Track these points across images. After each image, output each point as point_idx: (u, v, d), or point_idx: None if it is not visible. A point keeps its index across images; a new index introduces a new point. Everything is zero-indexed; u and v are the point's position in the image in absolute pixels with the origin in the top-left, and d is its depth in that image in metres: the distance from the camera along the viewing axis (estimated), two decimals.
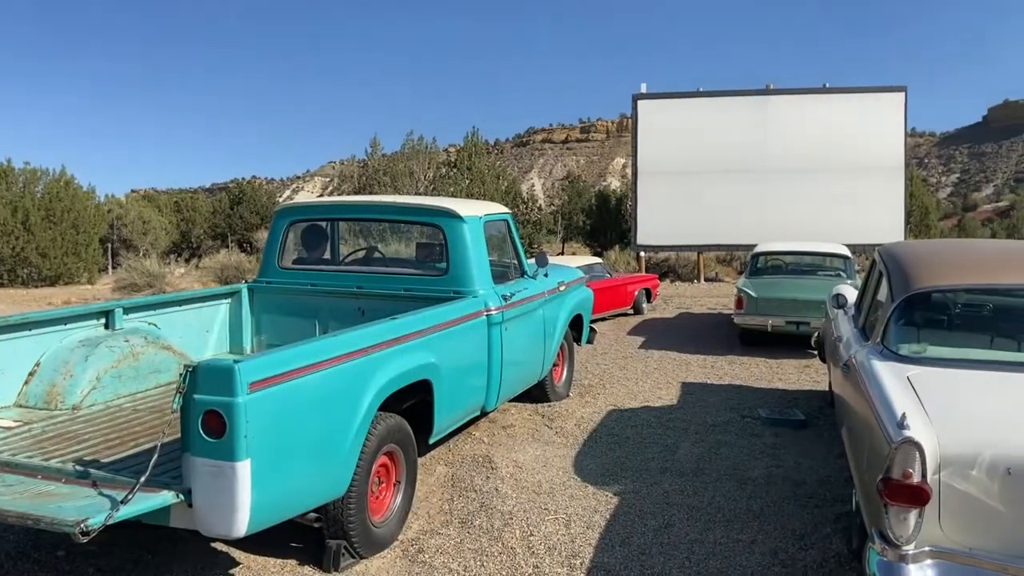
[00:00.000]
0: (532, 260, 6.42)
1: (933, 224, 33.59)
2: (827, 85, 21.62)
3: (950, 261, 4.37)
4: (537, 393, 6.73)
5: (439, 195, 22.75)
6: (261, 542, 3.71)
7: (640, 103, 21.62)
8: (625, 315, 13.78)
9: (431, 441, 4.71)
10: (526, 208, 29.98)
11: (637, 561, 3.85)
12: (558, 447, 5.69)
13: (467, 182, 24.47)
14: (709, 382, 8.06)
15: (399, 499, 4.24)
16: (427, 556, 3.94)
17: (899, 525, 2.85)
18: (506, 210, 6.25)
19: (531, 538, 4.14)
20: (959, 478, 2.84)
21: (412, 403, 4.54)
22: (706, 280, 22.49)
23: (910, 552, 2.84)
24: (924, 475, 2.81)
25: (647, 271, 21.16)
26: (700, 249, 22.18)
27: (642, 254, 22.03)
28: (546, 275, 6.42)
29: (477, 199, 19.54)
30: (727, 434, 6.01)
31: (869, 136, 20.83)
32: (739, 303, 10.11)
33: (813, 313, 9.16)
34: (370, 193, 23.52)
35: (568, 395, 7.21)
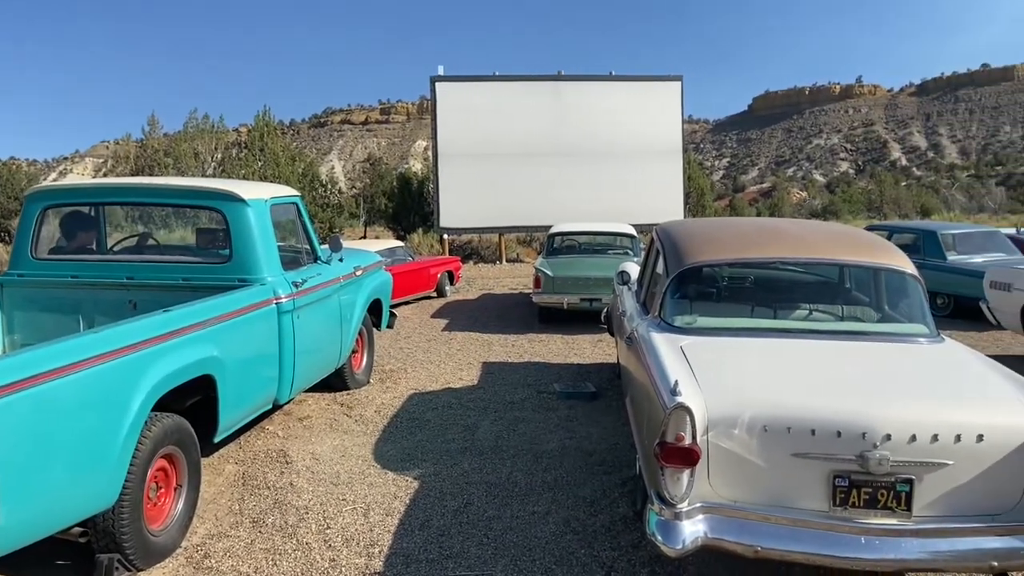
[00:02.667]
0: (326, 245, 6.20)
1: (708, 204, 36.49)
2: (613, 73, 22.80)
3: (717, 238, 4.71)
4: (336, 381, 6.55)
5: (229, 178, 21.49)
6: (16, 563, 3.30)
7: (438, 85, 21.62)
8: (429, 298, 13.79)
9: (216, 440, 4.42)
10: (325, 191, 29.06)
11: (436, 543, 3.85)
12: (357, 435, 5.56)
13: (260, 164, 23.25)
14: (510, 361, 8.25)
15: (181, 504, 3.94)
16: (214, 561, 3.70)
17: (674, 485, 3.04)
18: (295, 193, 5.98)
19: (328, 531, 4.01)
20: (724, 438, 3.07)
21: (195, 400, 4.24)
22: (508, 261, 23.03)
23: (684, 509, 3.04)
24: (694, 437, 3.01)
25: (450, 253, 21.30)
26: (502, 231, 22.65)
27: (445, 237, 22.15)
28: (341, 260, 6.23)
29: (272, 182, 18.68)
30: (525, 410, 6.17)
31: (651, 122, 22.25)
32: (537, 282, 10.44)
33: (604, 290, 9.64)
34: (150, 175, 21.73)
35: (369, 381, 7.09)
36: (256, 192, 5.26)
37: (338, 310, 6.05)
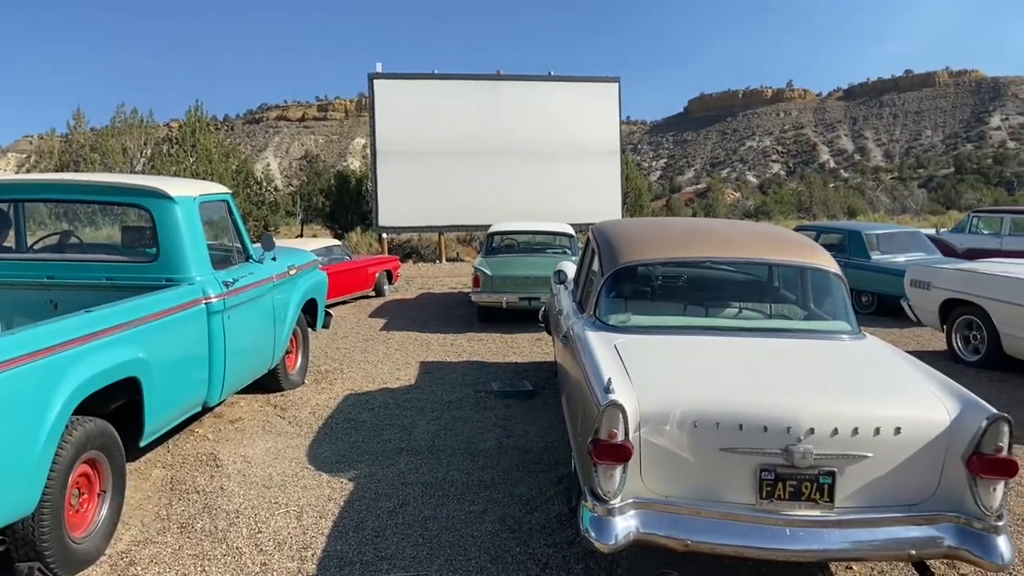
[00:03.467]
0: (259, 244, 6.08)
1: (646, 204, 37.01)
2: (551, 73, 22.93)
3: (650, 238, 4.77)
4: (269, 382, 6.42)
5: (160, 175, 20.87)
6: None
7: (376, 82, 21.40)
8: (367, 297, 13.65)
9: (142, 444, 4.29)
10: (260, 189, 28.49)
11: (371, 545, 3.81)
12: (291, 437, 5.47)
13: (191, 161, 22.62)
14: (448, 360, 8.22)
15: (105, 510, 3.81)
16: (139, 568, 3.59)
17: (606, 481, 3.07)
18: (225, 190, 5.84)
19: (259, 535, 3.93)
20: (656, 434, 3.11)
21: (119, 404, 4.11)
22: (448, 260, 22.95)
23: (617, 505, 3.08)
24: (627, 434, 3.05)
25: (390, 252, 21.12)
26: (441, 230, 22.55)
27: (384, 235, 21.94)
28: (274, 259, 6.11)
29: (204, 179, 18.21)
30: (462, 409, 6.16)
31: (589, 123, 22.46)
32: (476, 281, 10.43)
33: (543, 289, 9.69)
34: (75, 171, 20.95)
35: (303, 382, 6.97)
36: (184, 189, 5.12)
37: (271, 310, 5.93)
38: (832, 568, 3.57)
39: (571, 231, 12.15)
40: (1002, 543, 2.97)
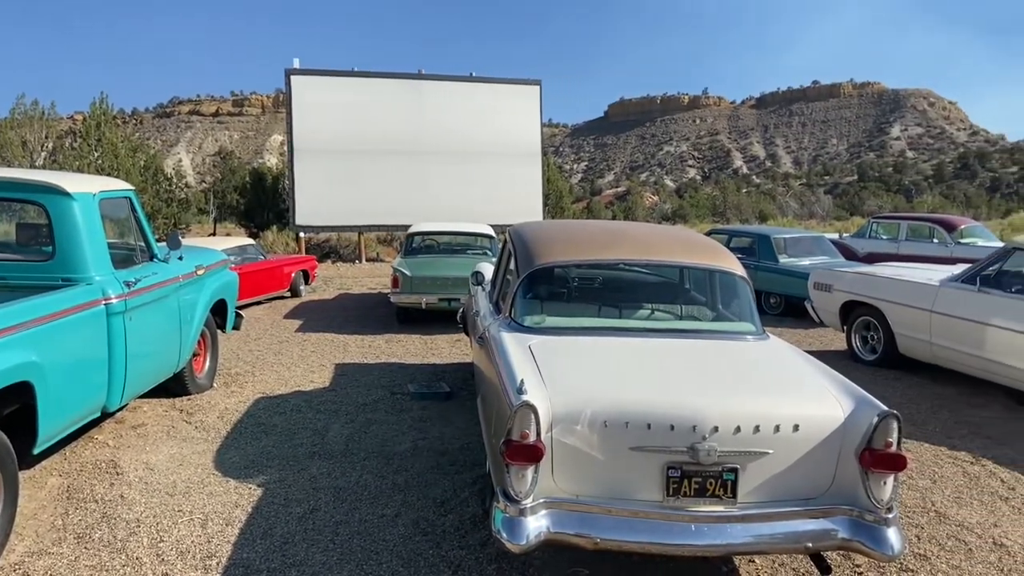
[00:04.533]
0: (164, 242, 5.86)
1: (567, 206, 37.45)
2: (473, 74, 22.94)
3: (565, 240, 4.82)
4: (175, 386, 6.20)
5: (62, 170, 19.87)
6: None
7: (294, 79, 20.96)
8: (282, 298, 13.36)
9: (36, 451, 4.07)
10: (170, 185, 27.48)
11: (279, 551, 3.72)
12: (197, 443, 5.29)
13: (96, 156, 21.61)
14: (365, 362, 8.11)
15: None
16: None
17: (518, 482, 3.09)
18: (128, 186, 5.60)
19: (161, 544, 3.79)
20: (568, 434, 3.15)
21: (13, 409, 3.90)
22: (368, 260, 22.67)
23: (528, 506, 3.09)
24: (539, 434, 3.07)
25: (307, 252, 20.72)
26: (361, 229, 22.26)
27: (301, 235, 21.51)
28: (180, 258, 5.90)
29: (110, 175, 17.45)
30: (377, 412, 6.08)
31: (511, 125, 22.58)
32: (395, 282, 10.33)
33: (463, 290, 9.66)
34: None
35: (212, 386, 6.76)
36: (83, 185, 4.89)
37: (177, 311, 5.72)
38: (735, 562, 3.67)
39: (492, 232, 12.18)
40: (892, 535, 3.12)
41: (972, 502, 4.46)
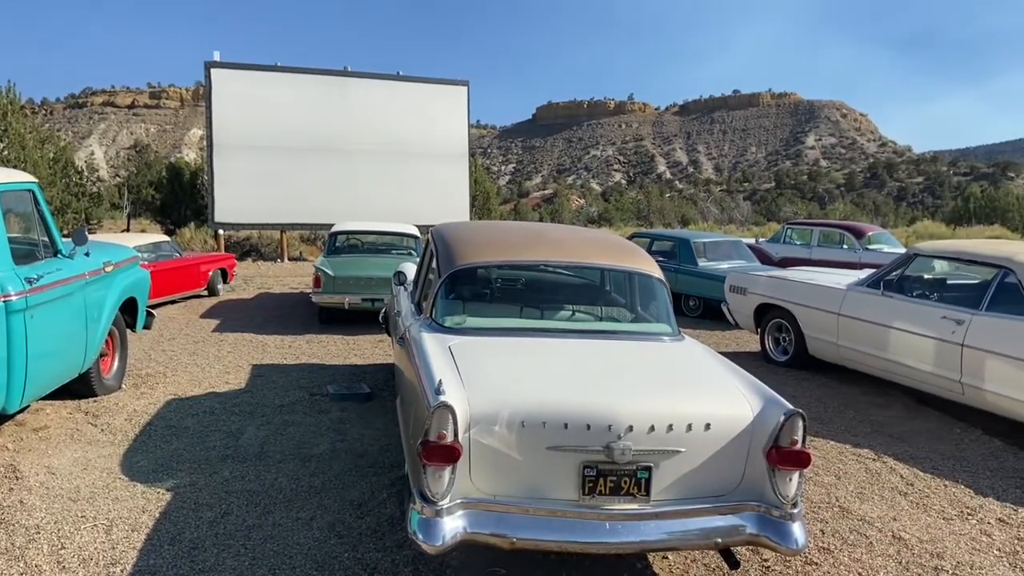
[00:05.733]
0: (70, 238, 5.60)
1: (494, 208, 37.54)
2: (400, 73, 22.75)
3: (487, 241, 4.83)
4: (80, 387, 5.93)
5: None
6: None
7: (214, 72, 20.37)
8: (199, 297, 12.97)
9: None
10: (81, 179, 26.31)
11: (188, 557, 3.60)
12: (103, 446, 5.07)
13: (1, 146, 20.51)
14: (285, 362, 7.94)
15: None
16: None
17: (435, 483, 3.07)
18: (30, 178, 5.33)
19: (62, 551, 3.62)
20: (485, 434, 3.15)
21: None
22: (290, 259, 22.22)
23: (445, 506, 3.08)
24: (456, 435, 3.06)
25: (227, 250, 20.17)
26: (284, 227, 21.78)
27: (220, 232, 20.91)
28: (87, 254, 5.66)
29: (15, 167, 16.56)
30: (295, 413, 5.96)
31: (438, 124, 22.48)
32: (316, 282, 10.16)
33: (386, 290, 9.57)
34: None
35: (120, 387, 6.50)
36: None
37: (82, 309, 5.48)
38: (649, 558, 3.74)
39: (416, 232, 12.10)
40: (797, 529, 3.23)
41: (873, 497, 4.66)
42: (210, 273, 13.18)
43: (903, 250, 12.11)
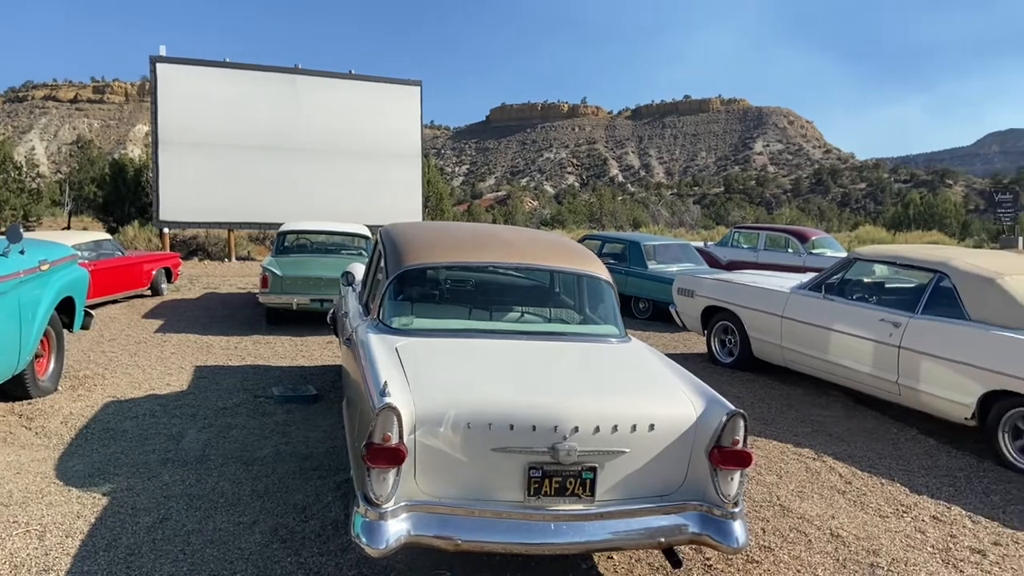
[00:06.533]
0: (3, 235, 5.41)
1: (447, 209, 37.48)
2: (352, 72, 22.54)
3: (435, 242, 4.81)
4: (13, 389, 5.74)
5: None
6: None
7: (160, 67, 19.90)
8: (142, 297, 12.65)
9: None
10: (20, 175, 25.47)
11: (124, 564, 3.50)
12: (37, 450, 4.91)
13: None
14: (230, 364, 7.79)
15: None
16: None
17: (379, 485, 3.04)
18: None
19: None
20: (431, 436, 3.13)
21: None
22: (238, 259, 21.82)
23: (389, 509, 3.06)
24: (401, 437, 3.04)
25: (172, 249, 19.72)
26: (231, 226, 21.38)
27: (166, 231, 20.44)
28: (22, 252, 5.47)
29: None
30: (238, 416, 5.85)
31: (391, 124, 22.32)
32: (264, 282, 9.99)
33: (335, 291, 9.46)
34: None
35: (56, 389, 6.30)
36: None
37: (16, 309, 5.30)
38: (595, 559, 3.77)
39: (367, 232, 12.00)
40: (738, 528, 3.29)
41: (813, 496, 4.76)
42: (154, 272, 12.87)
43: (845, 254, 12.44)
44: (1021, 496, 4.89)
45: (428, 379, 3.41)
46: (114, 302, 11.76)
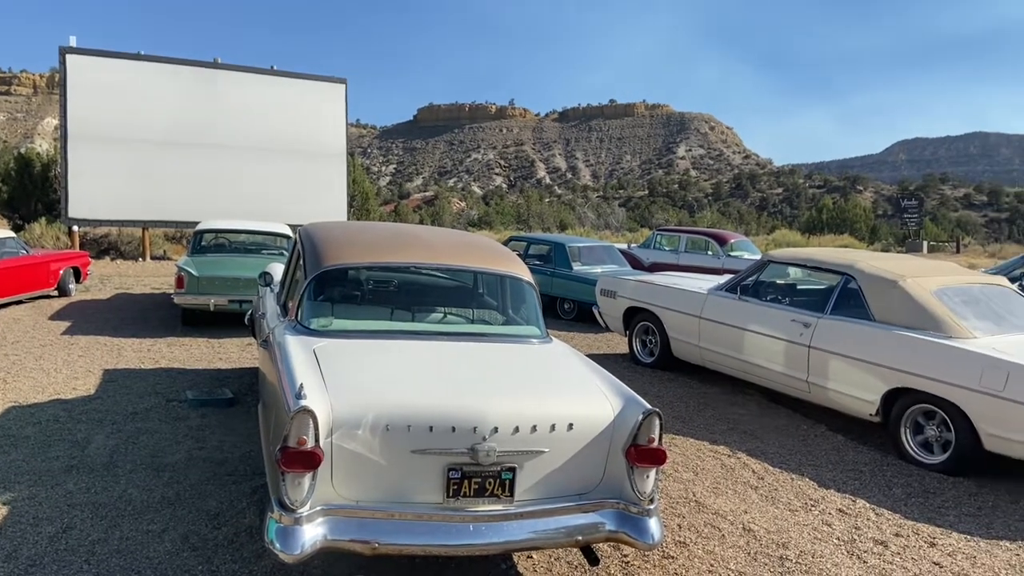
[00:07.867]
0: None
1: (374, 209, 36.97)
2: (274, 67, 22.05)
3: (356, 242, 4.74)
4: None
5: None
6: None
7: (69, 58, 19.03)
8: (48, 297, 12.08)
9: None
10: None
11: (24, 575, 3.34)
12: None
13: None
14: (142, 367, 7.51)
15: None
16: None
17: (294, 490, 2.99)
18: None
19: None
20: (349, 439, 3.09)
21: None
22: (153, 258, 21.05)
23: (304, 514, 3.00)
24: (317, 440, 2.99)
25: (82, 247, 18.90)
26: (146, 225, 20.59)
27: (75, 228, 19.56)
28: None
29: None
30: (149, 421, 5.64)
31: (315, 122, 21.90)
32: (179, 282, 9.66)
33: (255, 291, 9.23)
34: None
35: None
36: None
37: None
38: (514, 558, 3.78)
39: (288, 232, 11.75)
40: (653, 525, 3.36)
41: (727, 492, 4.90)
42: (61, 272, 12.30)
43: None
44: (921, 489, 5.15)
45: (346, 381, 3.36)
46: (18, 303, 11.19)
